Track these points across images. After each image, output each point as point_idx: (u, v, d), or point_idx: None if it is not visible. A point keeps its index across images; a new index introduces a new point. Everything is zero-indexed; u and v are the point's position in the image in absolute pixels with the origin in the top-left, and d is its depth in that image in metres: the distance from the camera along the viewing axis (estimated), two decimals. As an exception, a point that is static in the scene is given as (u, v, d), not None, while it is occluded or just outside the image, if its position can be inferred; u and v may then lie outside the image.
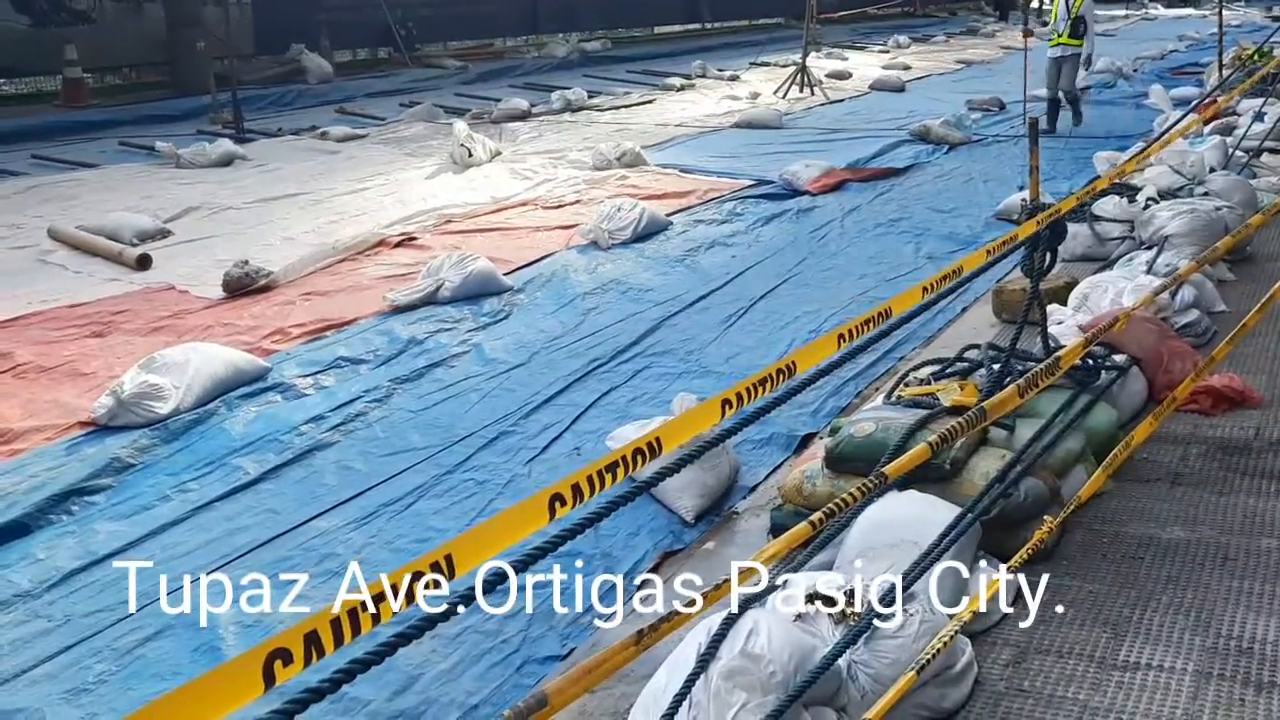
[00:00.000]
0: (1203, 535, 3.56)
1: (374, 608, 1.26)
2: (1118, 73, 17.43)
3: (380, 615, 1.32)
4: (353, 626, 1.29)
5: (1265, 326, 5.50)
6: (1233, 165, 8.75)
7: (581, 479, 1.51)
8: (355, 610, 1.29)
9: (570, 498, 1.47)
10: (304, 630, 1.26)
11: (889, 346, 6.10)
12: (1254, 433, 4.32)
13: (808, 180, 9.34)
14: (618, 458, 1.57)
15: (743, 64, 18.74)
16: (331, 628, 1.27)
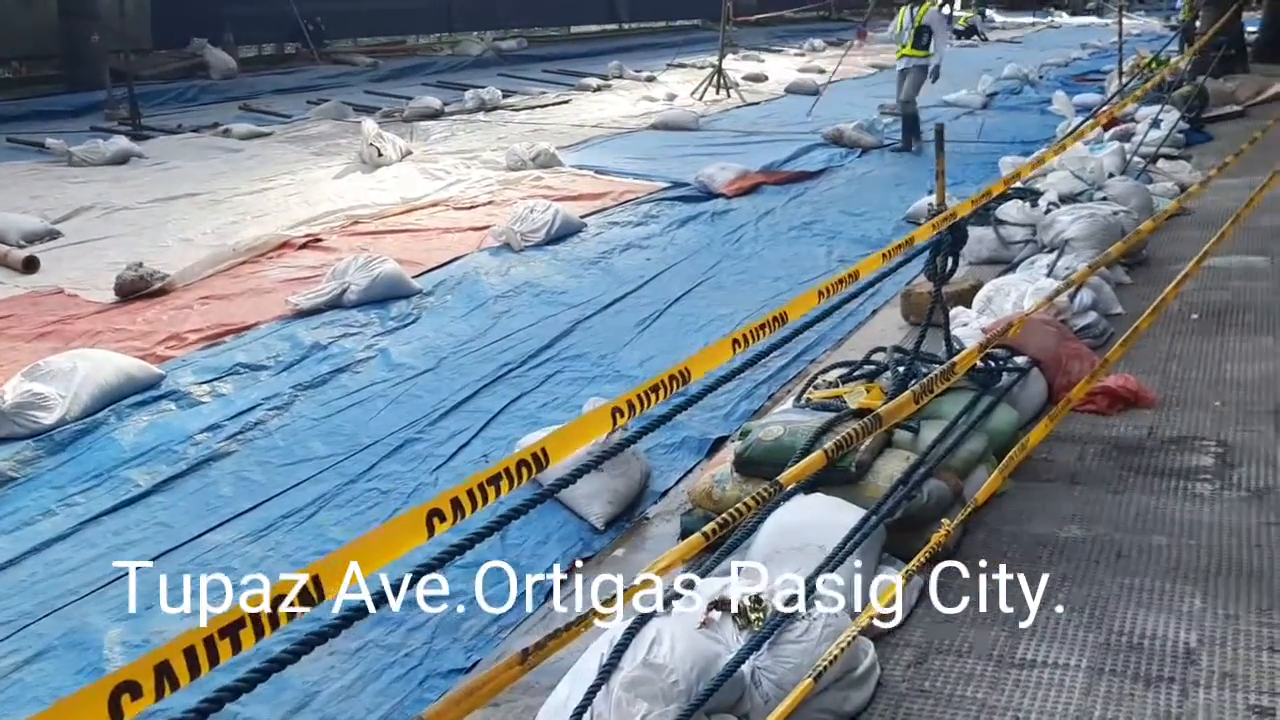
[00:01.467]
0: (1098, 533, 3.63)
1: (228, 638, 1.19)
2: (1024, 79, 17.87)
3: (241, 643, 1.25)
4: (210, 656, 1.22)
5: (1159, 328, 5.66)
6: (1130, 171, 9.00)
7: (461, 493, 1.45)
8: (212, 638, 1.22)
9: (450, 513, 1.42)
10: (154, 661, 1.18)
11: (800, 349, 6.15)
12: (1147, 432, 4.43)
13: (723, 183, 9.38)
14: (500, 470, 1.52)
15: (660, 65, 18.79)
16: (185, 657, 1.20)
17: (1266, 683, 2.75)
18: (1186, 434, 4.35)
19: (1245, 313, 5.76)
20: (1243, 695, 2.70)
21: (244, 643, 1.24)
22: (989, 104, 15.24)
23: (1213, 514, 3.68)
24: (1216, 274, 6.51)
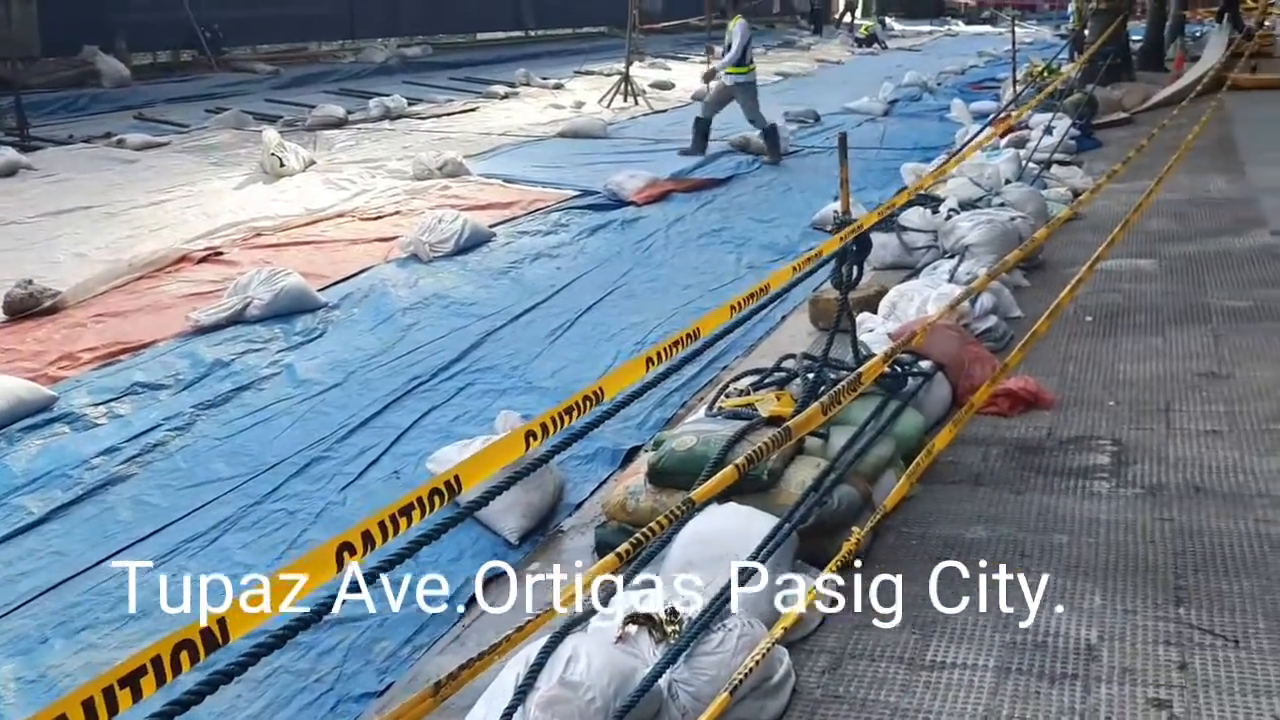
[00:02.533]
0: (1002, 533, 3.73)
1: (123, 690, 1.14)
2: (923, 87, 18.32)
3: (142, 691, 1.20)
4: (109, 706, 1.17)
5: (1056, 331, 5.83)
6: (1026, 177, 9.28)
7: (373, 525, 1.42)
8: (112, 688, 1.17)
9: (360, 546, 1.39)
10: (52, 715, 1.13)
11: (712, 356, 6.18)
12: (1047, 433, 4.56)
13: (632, 191, 9.41)
14: (412, 499, 1.49)
15: (567, 72, 18.77)
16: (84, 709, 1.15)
17: (1164, 676, 2.85)
18: (1084, 434, 4.50)
19: (1136, 314, 5.98)
20: (1141, 689, 2.80)
21: (144, 690, 1.19)
22: (890, 111, 15.58)
23: (1110, 511, 3.81)
24: (1109, 277, 6.75)
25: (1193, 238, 7.49)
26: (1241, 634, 2.99)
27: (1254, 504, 3.73)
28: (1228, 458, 4.12)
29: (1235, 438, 4.29)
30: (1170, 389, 4.84)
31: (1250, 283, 6.25)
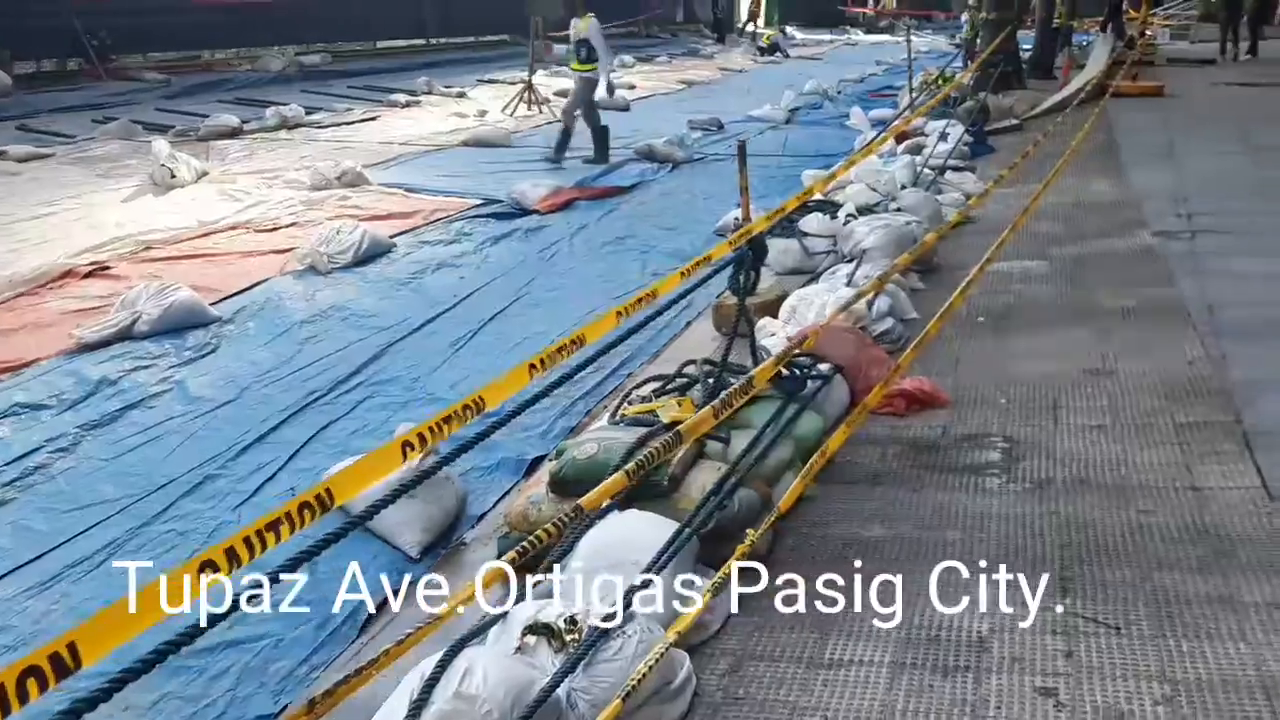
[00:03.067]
0: (900, 531, 3.80)
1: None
2: (824, 95, 18.63)
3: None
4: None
5: (951, 332, 5.99)
6: (921, 182, 9.50)
7: (238, 542, 1.38)
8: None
9: (226, 564, 1.34)
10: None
11: (616, 363, 6.19)
12: (942, 431, 4.67)
13: (536, 199, 9.37)
14: (280, 515, 1.45)
15: (470, 81, 18.61)
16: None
17: (1051, 664, 2.93)
18: (977, 432, 4.61)
19: (1026, 314, 6.16)
20: (1029, 678, 2.87)
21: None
22: (792, 119, 15.80)
23: (1000, 507, 3.91)
24: (1001, 279, 6.94)
25: (1080, 239, 7.75)
26: (1124, 620, 3.09)
27: (1135, 495, 3.87)
28: (1111, 451, 4.26)
29: (1118, 432, 4.44)
30: (1058, 386, 4.99)
31: (1132, 282, 6.48)
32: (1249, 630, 2.97)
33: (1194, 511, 3.70)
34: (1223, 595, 3.16)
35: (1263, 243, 7.03)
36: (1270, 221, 7.55)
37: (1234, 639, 2.94)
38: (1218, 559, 3.37)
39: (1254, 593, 3.16)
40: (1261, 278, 6.28)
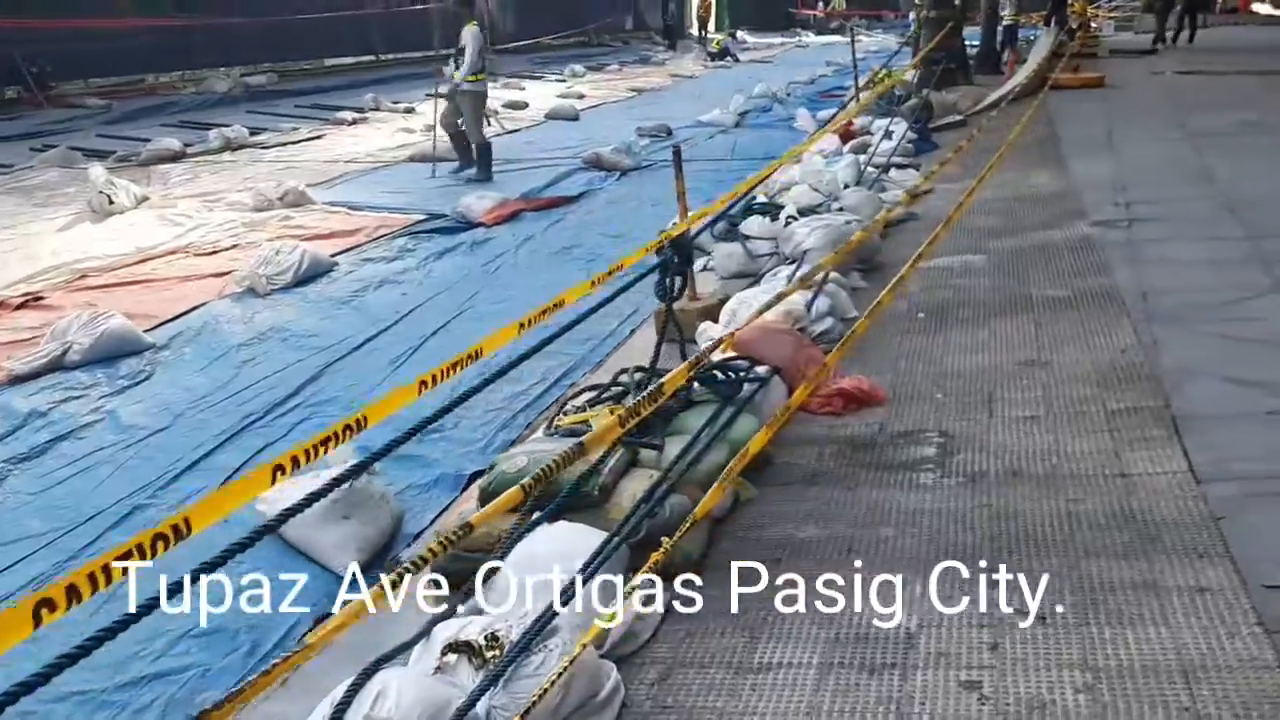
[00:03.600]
0: (834, 531, 3.80)
1: None
2: (773, 97, 18.70)
3: None
4: None
5: (890, 328, 6.02)
6: (865, 181, 9.55)
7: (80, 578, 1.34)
8: None
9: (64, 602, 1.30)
10: None
11: (559, 374, 6.17)
12: (878, 429, 4.68)
13: (481, 212, 9.32)
14: (131, 547, 1.42)
15: (419, 95, 18.48)
16: None
17: (975, 658, 2.93)
18: (913, 428, 4.63)
19: (964, 309, 6.19)
20: (954, 673, 2.88)
21: None
22: (741, 122, 15.84)
23: (934, 502, 3.92)
24: (941, 274, 6.99)
25: (1019, 232, 7.81)
26: (1049, 611, 3.10)
27: (1065, 484, 3.89)
28: (1043, 442, 4.29)
29: (1050, 422, 4.48)
30: (994, 379, 5.02)
31: (1069, 272, 6.54)
32: (1170, 614, 2.99)
33: (1122, 498, 3.73)
34: (1146, 580, 3.18)
35: (1198, 229, 7.12)
36: (1206, 207, 7.65)
37: (1155, 624, 2.96)
38: (1143, 544, 3.40)
39: (1176, 577, 3.18)
40: (1195, 263, 6.35)
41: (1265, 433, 4.01)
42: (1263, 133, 10.05)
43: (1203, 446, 3.98)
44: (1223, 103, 12.16)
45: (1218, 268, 6.18)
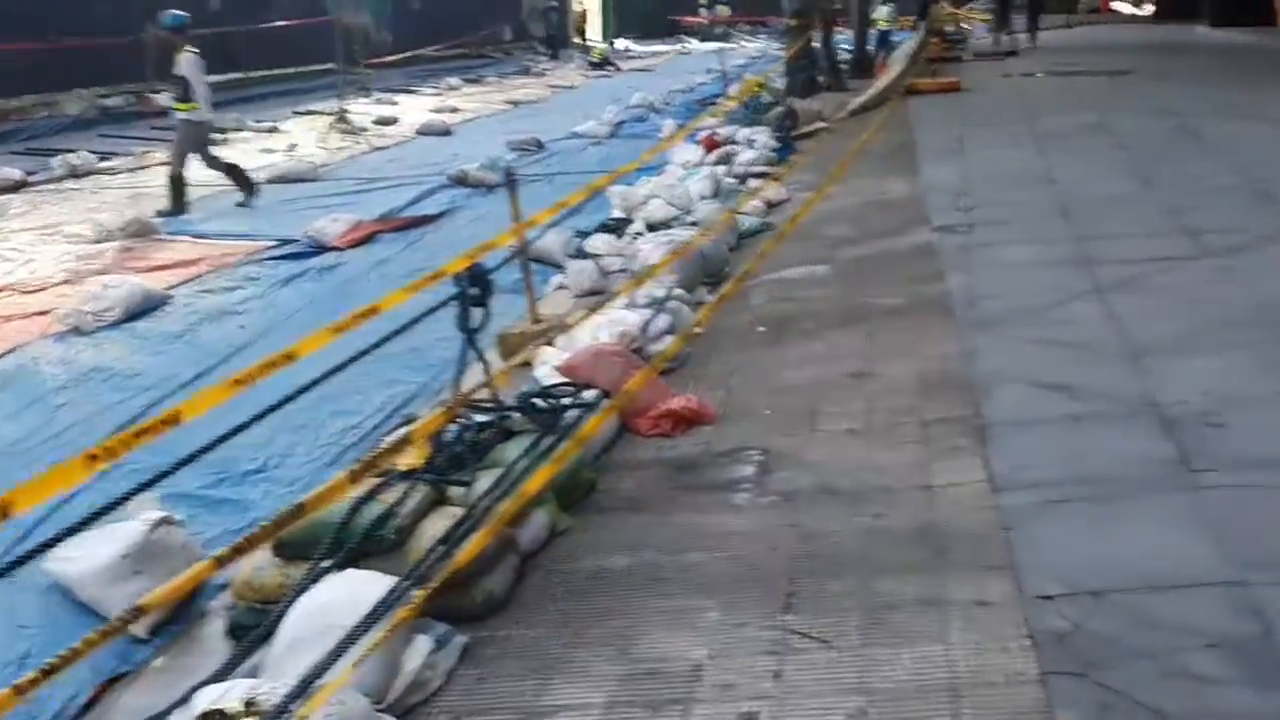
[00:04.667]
0: (643, 559, 3.77)
1: None
2: (650, 107, 18.76)
3: None
4: None
5: (729, 343, 6.06)
6: (724, 192, 9.62)
7: None
8: None
9: None
10: None
11: (398, 403, 6.04)
12: (704, 449, 4.67)
13: (335, 235, 9.10)
14: None
15: (286, 113, 18.10)
16: None
17: (758, 687, 2.92)
18: (737, 446, 4.63)
19: (804, 320, 6.24)
20: (734, 705, 2.85)
21: None
22: (615, 133, 15.84)
23: (745, 523, 3.92)
24: (786, 285, 7.06)
25: (865, 240, 7.94)
26: (836, 633, 3.11)
27: (872, 500, 3.93)
28: (858, 455, 4.33)
29: (868, 435, 4.52)
30: (820, 392, 5.07)
31: (906, 280, 6.65)
32: (948, 631, 3.03)
33: (923, 511, 3.78)
34: (931, 597, 3.21)
35: (1032, 232, 7.31)
36: (1042, 209, 7.87)
37: (933, 641, 2.99)
38: (934, 559, 3.44)
39: (961, 590, 3.22)
40: (1024, 267, 6.52)
41: (1063, 439, 4.11)
42: (1103, 134, 10.43)
43: (1003, 455, 4.06)
44: (1070, 104, 12.59)
45: (1044, 270, 6.36)
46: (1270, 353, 4.55)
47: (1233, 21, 21.15)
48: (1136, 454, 3.86)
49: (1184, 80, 13.82)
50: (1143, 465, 3.78)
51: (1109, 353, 4.88)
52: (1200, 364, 4.59)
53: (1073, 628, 2.93)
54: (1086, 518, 3.50)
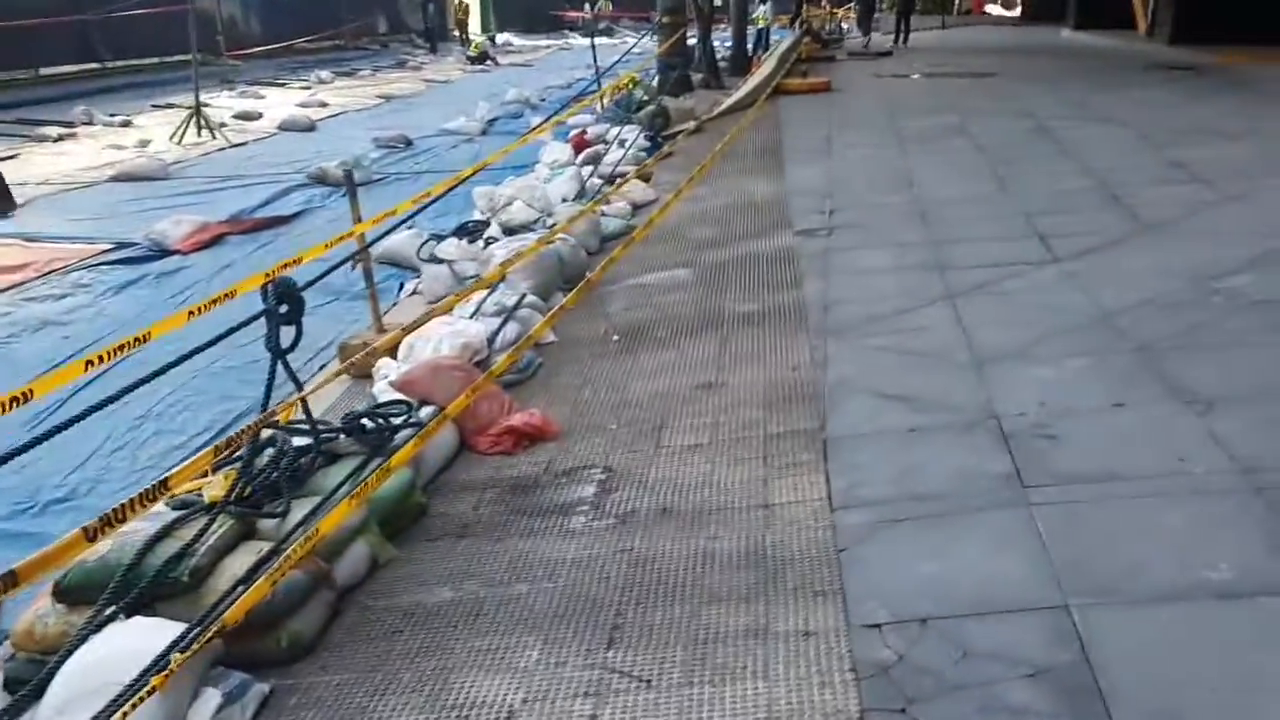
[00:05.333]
0: (467, 592, 3.56)
1: None
2: (525, 103, 18.50)
3: None
4: None
5: (583, 353, 5.88)
6: (589, 193, 9.43)
7: None
8: None
9: None
10: None
11: (228, 419, 5.71)
12: (544, 468, 4.48)
13: (177, 238, 8.64)
14: None
15: (145, 107, 17.25)
16: None
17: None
18: (579, 464, 4.46)
19: (660, 328, 6.10)
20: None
21: None
22: (488, 130, 15.55)
23: (578, 549, 3.74)
24: (646, 291, 6.91)
25: (730, 242, 7.84)
26: (658, 671, 2.96)
27: (709, 521, 3.79)
28: (700, 473, 4.19)
29: (712, 450, 4.39)
30: (668, 405, 4.92)
31: (764, 285, 6.57)
32: (773, 665, 2.91)
33: (759, 533, 3.66)
34: (758, 627, 3.09)
35: (892, 234, 7.30)
36: (901, 212, 7.89)
37: (756, 677, 2.86)
38: (764, 585, 3.32)
39: (787, 620, 3.11)
40: (879, 271, 6.49)
41: (902, 453, 4.04)
42: (964, 136, 10.58)
43: (843, 471, 3.97)
44: (935, 106, 12.77)
45: (898, 276, 6.34)
46: (1108, 362, 4.58)
47: (1095, 24, 21.93)
48: (972, 469, 3.81)
49: (1044, 82, 14.18)
50: (977, 481, 3.72)
51: (954, 362, 4.86)
52: (1041, 373, 4.59)
53: (897, 659, 2.84)
54: (919, 538, 3.43)
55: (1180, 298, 5.32)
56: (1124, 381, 4.35)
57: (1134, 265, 5.96)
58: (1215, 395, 4.12)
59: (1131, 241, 6.47)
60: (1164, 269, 5.78)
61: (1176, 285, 5.49)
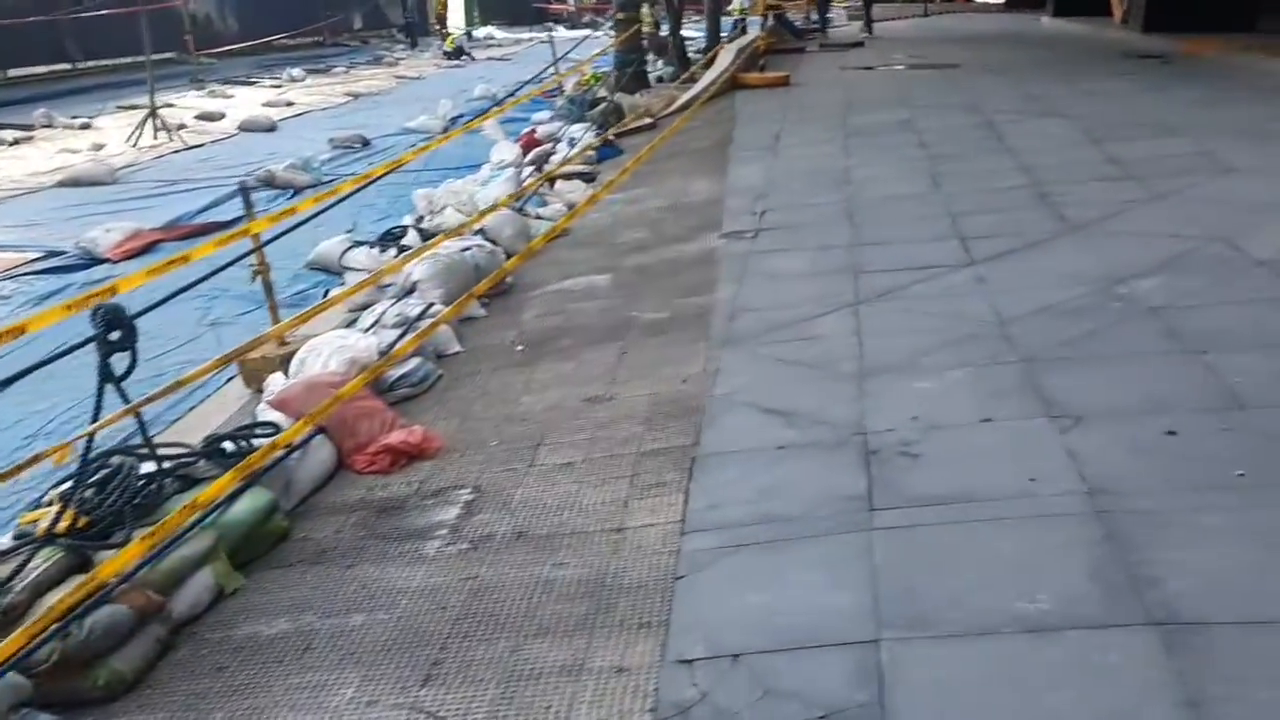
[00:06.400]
0: (301, 625, 3.50)
1: None
2: (493, 99, 18.35)
3: None
4: None
5: (483, 363, 5.83)
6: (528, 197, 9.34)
7: None
8: None
9: None
10: None
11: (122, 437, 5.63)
12: (416, 488, 4.41)
13: (109, 246, 8.57)
14: None
15: (110, 108, 17.16)
16: None
17: (360, 781, 2.69)
18: (450, 484, 4.39)
19: (565, 337, 6.02)
20: (325, 805, 2.62)
21: None
22: (450, 129, 15.42)
23: (424, 577, 3.68)
24: (560, 297, 6.84)
25: (656, 246, 7.75)
26: (464, 711, 2.90)
27: (561, 546, 3.72)
28: (565, 493, 4.12)
29: (584, 469, 4.32)
30: (553, 420, 4.85)
31: (679, 291, 6.47)
32: (578, 706, 2.84)
33: (605, 560, 3.58)
34: (575, 663, 3.02)
35: (816, 236, 7.18)
36: (834, 211, 7.77)
37: (556, 719, 2.79)
38: (594, 617, 3.25)
39: (606, 655, 3.04)
40: (794, 277, 6.38)
41: (765, 472, 3.95)
42: (909, 131, 10.45)
43: (705, 491, 3.89)
44: (888, 100, 12.63)
45: (810, 281, 6.24)
46: (986, 374, 4.49)
47: (1073, 11, 21.74)
48: (828, 490, 3.73)
49: (1006, 74, 14.02)
50: (830, 503, 3.64)
51: (840, 373, 4.77)
52: (922, 386, 4.51)
53: (700, 697, 2.77)
54: (756, 565, 3.35)
55: (1080, 304, 5.23)
56: (997, 395, 4.27)
57: (1045, 269, 5.86)
58: (1086, 410, 4.04)
59: (1051, 244, 6.37)
60: (1074, 273, 5.68)
61: (1080, 291, 5.39)
